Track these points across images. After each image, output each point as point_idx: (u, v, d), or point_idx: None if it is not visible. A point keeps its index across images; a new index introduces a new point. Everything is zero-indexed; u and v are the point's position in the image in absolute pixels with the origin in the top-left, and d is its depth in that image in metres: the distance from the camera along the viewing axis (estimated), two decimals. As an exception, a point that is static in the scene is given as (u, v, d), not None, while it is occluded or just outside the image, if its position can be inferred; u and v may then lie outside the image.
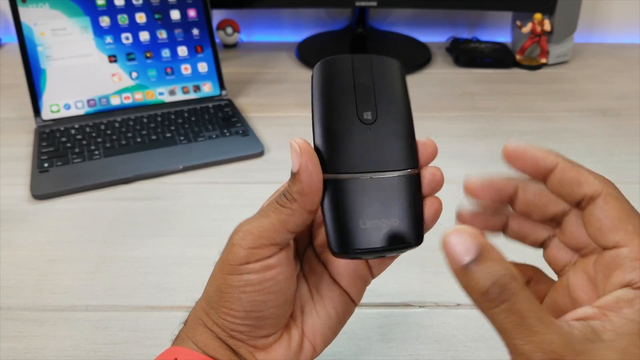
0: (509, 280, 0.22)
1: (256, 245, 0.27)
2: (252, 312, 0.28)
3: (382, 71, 0.29)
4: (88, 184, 0.62)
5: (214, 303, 0.29)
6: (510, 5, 0.96)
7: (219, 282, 0.28)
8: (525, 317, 0.21)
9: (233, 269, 0.27)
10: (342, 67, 0.28)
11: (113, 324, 0.46)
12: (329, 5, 1.05)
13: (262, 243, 0.27)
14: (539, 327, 0.21)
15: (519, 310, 0.21)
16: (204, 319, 0.29)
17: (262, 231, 0.27)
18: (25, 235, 0.55)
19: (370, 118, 0.28)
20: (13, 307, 0.47)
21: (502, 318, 0.22)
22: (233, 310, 0.28)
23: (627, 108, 0.82)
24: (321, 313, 0.31)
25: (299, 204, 0.26)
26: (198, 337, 0.29)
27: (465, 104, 0.83)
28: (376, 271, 0.32)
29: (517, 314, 0.22)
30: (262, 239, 0.27)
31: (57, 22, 0.73)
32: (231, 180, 0.64)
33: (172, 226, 0.57)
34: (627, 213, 0.24)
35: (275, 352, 0.29)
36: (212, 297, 0.29)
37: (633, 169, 0.66)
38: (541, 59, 0.95)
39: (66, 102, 0.74)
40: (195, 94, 0.79)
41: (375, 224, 0.27)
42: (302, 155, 0.26)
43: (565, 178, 0.26)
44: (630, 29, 1.08)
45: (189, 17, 0.79)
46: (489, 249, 0.23)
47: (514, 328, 0.22)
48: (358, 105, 0.28)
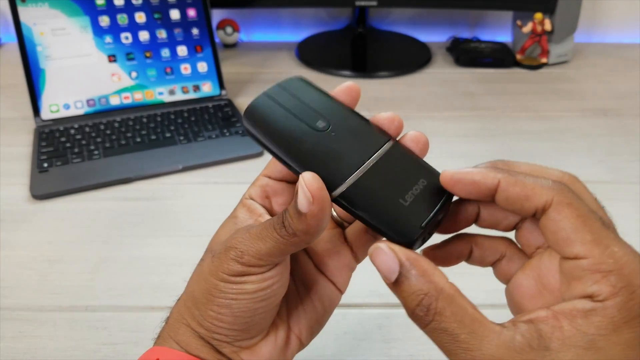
0: (433, 300, 0.22)
1: (253, 264, 0.26)
2: (240, 318, 0.27)
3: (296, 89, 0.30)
4: (88, 184, 0.62)
5: (201, 305, 0.28)
6: (510, 5, 0.95)
7: (209, 286, 0.27)
8: (455, 335, 0.21)
9: (227, 279, 0.27)
10: (266, 105, 0.29)
11: (113, 324, 0.46)
12: (329, 5, 1.05)
13: (260, 264, 0.26)
14: (471, 342, 0.21)
15: (446, 328, 0.21)
16: (187, 318, 0.29)
17: (260, 255, 0.26)
18: (25, 236, 0.55)
19: (325, 124, 0.28)
20: (13, 307, 0.47)
21: (434, 336, 0.22)
22: (221, 315, 0.27)
23: (627, 108, 0.82)
24: (307, 306, 0.31)
25: (300, 239, 0.25)
26: (180, 336, 0.29)
27: (465, 104, 0.83)
28: (361, 256, 0.32)
29: (445, 332, 0.21)
30: (260, 260, 0.26)
31: (57, 22, 0.73)
32: (231, 180, 0.64)
33: (172, 226, 0.57)
34: (583, 220, 0.22)
35: (261, 350, 0.29)
36: (200, 299, 0.28)
37: (633, 169, 0.66)
38: (541, 59, 0.95)
39: (66, 102, 0.74)
40: (194, 93, 0.79)
41: (410, 196, 0.26)
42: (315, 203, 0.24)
43: (510, 195, 0.24)
44: (630, 29, 1.08)
45: (189, 16, 0.79)
46: (410, 265, 0.23)
47: (446, 346, 0.21)
48: (307, 122, 0.28)
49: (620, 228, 0.58)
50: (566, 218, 0.22)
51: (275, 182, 0.31)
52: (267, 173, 0.31)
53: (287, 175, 0.30)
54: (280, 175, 0.30)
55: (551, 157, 0.69)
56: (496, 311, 0.24)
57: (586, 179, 0.25)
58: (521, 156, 0.69)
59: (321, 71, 0.93)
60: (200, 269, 0.29)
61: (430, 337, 0.22)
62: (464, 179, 0.25)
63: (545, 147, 0.71)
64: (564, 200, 0.22)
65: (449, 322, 0.21)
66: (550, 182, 0.23)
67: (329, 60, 0.95)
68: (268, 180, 0.31)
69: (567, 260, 0.22)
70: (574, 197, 0.23)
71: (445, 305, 0.22)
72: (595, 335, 0.20)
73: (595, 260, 0.21)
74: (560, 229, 0.22)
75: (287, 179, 0.30)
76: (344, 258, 0.31)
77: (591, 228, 0.22)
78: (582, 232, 0.22)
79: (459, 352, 0.21)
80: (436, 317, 0.22)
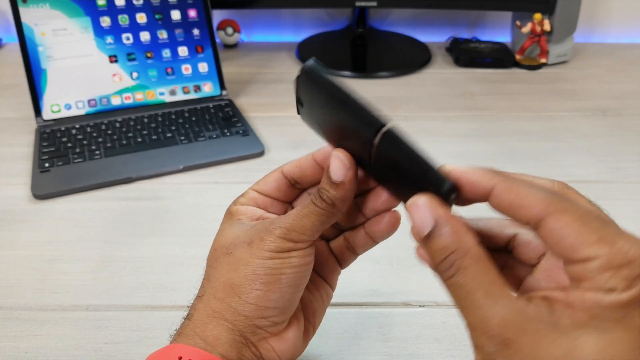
0: (460, 256, 0.23)
1: (298, 239, 0.29)
2: (286, 294, 0.30)
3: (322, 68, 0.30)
4: (89, 183, 0.62)
5: (242, 289, 0.29)
6: (510, 5, 0.96)
7: (253, 267, 0.29)
8: (470, 292, 0.22)
9: (274, 255, 0.29)
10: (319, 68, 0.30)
11: (114, 323, 0.46)
12: (329, 5, 1.05)
13: (303, 239, 0.30)
14: (484, 301, 0.22)
15: (465, 284, 0.23)
16: (220, 309, 0.30)
17: (305, 230, 0.29)
18: (26, 235, 0.56)
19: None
20: (14, 307, 0.47)
21: (452, 291, 0.23)
22: (269, 292, 0.29)
23: (627, 108, 0.82)
24: (316, 296, 0.34)
25: (338, 208, 0.29)
26: (209, 331, 0.29)
27: (465, 104, 0.83)
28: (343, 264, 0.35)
29: (463, 289, 0.23)
30: (304, 235, 0.29)
31: (58, 22, 0.73)
32: (232, 180, 0.64)
33: (173, 226, 0.57)
34: (582, 222, 0.22)
35: (287, 335, 0.31)
36: (241, 283, 0.29)
37: (633, 169, 0.66)
38: (541, 59, 0.95)
39: (67, 102, 0.74)
40: (195, 94, 0.79)
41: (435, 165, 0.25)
42: (350, 169, 0.29)
43: (503, 202, 0.24)
44: (630, 29, 1.08)
45: (190, 17, 0.79)
46: (445, 222, 0.24)
47: (461, 301, 0.23)
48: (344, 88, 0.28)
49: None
50: (566, 225, 0.22)
51: (264, 197, 0.34)
52: (257, 188, 0.34)
53: (275, 192, 0.34)
54: (269, 191, 0.34)
55: (551, 157, 0.69)
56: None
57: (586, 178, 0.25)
58: (521, 156, 0.69)
59: (321, 71, 0.93)
60: (234, 258, 0.30)
61: (449, 291, 0.24)
62: (462, 177, 0.25)
63: (545, 147, 0.71)
64: (559, 209, 0.22)
65: (469, 279, 0.23)
66: (542, 192, 0.23)
67: (329, 60, 0.95)
68: (258, 194, 0.34)
69: (576, 264, 0.22)
70: (567, 203, 0.23)
71: (470, 264, 0.23)
72: (607, 322, 0.21)
73: (605, 259, 0.21)
74: (563, 237, 0.22)
75: (274, 196, 0.34)
76: (331, 264, 0.35)
77: (593, 228, 0.22)
78: (585, 235, 0.22)
79: (472, 309, 0.22)
80: (459, 273, 0.23)
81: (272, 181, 0.34)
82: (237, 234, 0.31)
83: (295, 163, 0.33)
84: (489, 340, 0.22)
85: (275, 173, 0.34)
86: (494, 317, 0.22)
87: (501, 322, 0.21)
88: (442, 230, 0.24)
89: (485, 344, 0.22)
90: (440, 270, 0.24)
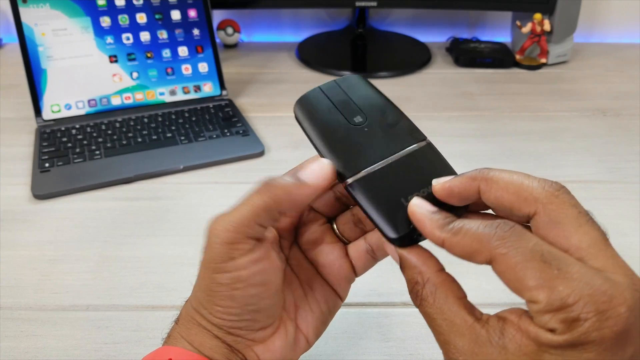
0: (420, 288, 0.25)
1: (232, 240, 0.27)
2: (247, 307, 0.28)
3: (349, 86, 0.32)
4: (89, 183, 0.62)
5: (206, 302, 0.29)
6: (510, 5, 0.96)
7: (207, 282, 0.28)
8: (434, 319, 0.25)
9: (218, 268, 0.27)
10: (316, 97, 0.32)
11: (114, 323, 0.46)
12: (329, 6, 1.05)
13: (238, 238, 0.27)
14: (445, 328, 0.24)
15: (429, 313, 0.25)
16: (197, 318, 0.29)
17: (237, 226, 0.27)
18: (26, 235, 0.56)
19: (362, 119, 0.31)
20: (14, 307, 0.47)
21: (424, 317, 0.25)
22: (228, 308, 0.28)
23: (627, 108, 0.82)
24: (313, 307, 0.33)
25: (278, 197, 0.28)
26: (193, 336, 0.29)
27: (465, 104, 0.83)
28: (360, 271, 0.33)
29: (427, 316, 0.25)
30: (238, 233, 0.27)
31: (58, 23, 0.73)
32: (232, 180, 0.65)
33: (173, 226, 0.57)
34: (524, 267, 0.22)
35: (273, 344, 0.30)
36: (203, 297, 0.29)
37: (633, 169, 0.66)
38: (541, 59, 0.95)
39: (67, 102, 0.74)
40: (195, 94, 0.79)
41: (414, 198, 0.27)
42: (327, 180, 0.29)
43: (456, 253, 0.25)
44: (630, 29, 1.08)
45: (190, 17, 0.79)
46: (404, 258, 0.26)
47: (430, 327, 0.25)
48: (345, 116, 0.31)
49: (620, 228, 0.58)
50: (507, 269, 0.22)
51: None
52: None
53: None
54: None
55: (551, 157, 0.69)
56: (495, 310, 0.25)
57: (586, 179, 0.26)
58: (521, 156, 0.69)
59: (321, 71, 0.93)
60: (199, 269, 0.29)
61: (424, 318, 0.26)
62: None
63: (545, 147, 0.71)
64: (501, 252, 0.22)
65: (429, 308, 0.25)
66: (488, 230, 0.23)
67: (329, 60, 0.95)
68: None
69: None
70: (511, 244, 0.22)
71: (429, 294, 0.25)
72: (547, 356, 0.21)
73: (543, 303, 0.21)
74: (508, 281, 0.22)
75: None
76: (344, 271, 0.33)
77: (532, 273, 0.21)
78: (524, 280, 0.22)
79: (436, 334, 0.25)
80: (422, 302, 0.25)
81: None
82: None
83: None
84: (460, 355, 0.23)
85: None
86: (450, 343, 0.24)
87: (457, 348, 0.23)
88: (404, 265, 0.26)
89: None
90: (411, 299, 0.26)
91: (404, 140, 0.29)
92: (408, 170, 0.28)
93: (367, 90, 0.32)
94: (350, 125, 0.30)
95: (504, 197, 0.24)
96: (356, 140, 0.30)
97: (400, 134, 0.30)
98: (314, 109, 0.32)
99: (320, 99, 0.32)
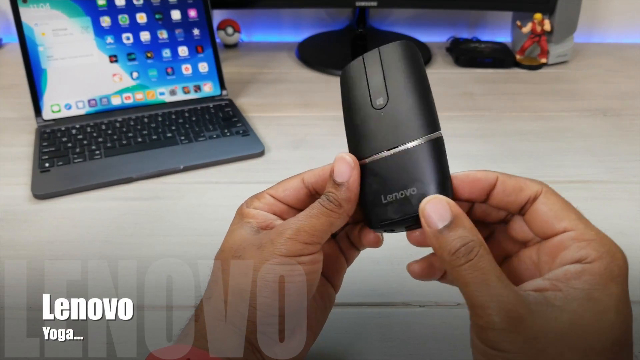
0: (476, 245, 0.26)
1: (308, 241, 0.29)
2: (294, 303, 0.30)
3: (389, 59, 0.32)
4: (89, 183, 0.62)
5: (251, 295, 0.29)
6: (510, 5, 0.96)
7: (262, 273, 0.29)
8: (486, 274, 0.25)
9: (285, 260, 0.29)
10: (356, 68, 0.32)
11: (114, 323, 0.46)
12: (329, 5, 1.05)
13: (313, 241, 0.30)
14: (497, 284, 0.25)
15: (482, 267, 0.26)
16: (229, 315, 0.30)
17: (314, 231, 0.30)
18: (26, 235, 0.56)
19: (382, 102, 0.31)
20: (14, 307, 0.47)
21: (467, 274, 0.26)
22: (277, 300, 0.29)
23: (627, 108, 0.82)
24: (319, 302, 0.34)
25: (344, 209, 0.30)
26: (217, 335, 0.29)
27: (465, 104, 0.83)
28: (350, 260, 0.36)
29: (479, 271, 0.26)
30: (314, 237, 0.30)
31: (58, 22, 0.73)
32: (232, 180, 0.65)
33: (173, 226, 0.57)
34: (567, 205, 0.28)
35: (292, 344, 0.31)
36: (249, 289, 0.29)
37: (633, 169, 0.66)
38: (541, 59, 0.95)
39: (67, 102, 0.74)
40: (195, 94, 0.79)
41: (394, 197, 0.29)
42: (355, 169, 0.30)
43: (507, 188, 0.29)
44: (630, 29, 1.08)
45: (190, 17, 0.79)
46: (461, 218, 0.27)
47: (475, 282, 0.25)
48: (372, 95, 0.31)
49: (620, 228, 0.58)
50: (555, 202, 0.28)
51: (280, 204, 0.33)
52: (274, 194, 0.33)
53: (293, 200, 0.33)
54: (287, 199, 0.33)
55: (551, 157, 0.69)
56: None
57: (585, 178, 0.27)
58: (521, 156, 0.69)
59: (321, 71, 0.93)
60: (243, 262, 0.30)
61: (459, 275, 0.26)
62: (468, 178, 0.30)
63: (545, 147, 0.71)
64: (550, 190, 0.28)
65: (486, 264, 0.26)
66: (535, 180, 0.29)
67: (329, 60, 0.95)
68: (274, 200, 0.33)
69: (551, 239, 0.28)
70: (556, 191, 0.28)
71: (484, 253, 0.26)
72: (590, 289, 0.25)
73: (581, 231, 0.27)
74: (550, 210, 0.28)
75: (291, 204, 0.33)
76: (338, 262, 0.35)
77: (575, 210, 0.28)
78: (568, 212, 0.28)
79: (486, 288, 0.25)
80: (477, 258, 0.26)
81: (291, 189, 0.33)
82: (246, 236, 0.31)
83: (317, 172, 0.33)
84: (502, 316, 0.24)
85: (295, 181, 0.33)
86: (508, 295, 0.25)
87: (515, 300, 0.25)
88: (463, 223, 0.27)
89: (496, 321, 0.24)
90: (458, 256, 0.26)
91: (412, 131, 0.30)
92: (396, 167, 0.29)
93: (403, 66, 0.31)
94: (371, 107, 0.31)
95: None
96: (370, 126, 0.31)
97: (412, 124, 0.30)
98: (348, 84, 0.32)
99: (357, 71, 0.32)
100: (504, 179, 0.29)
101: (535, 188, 0.28)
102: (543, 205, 0.28)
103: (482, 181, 0.29)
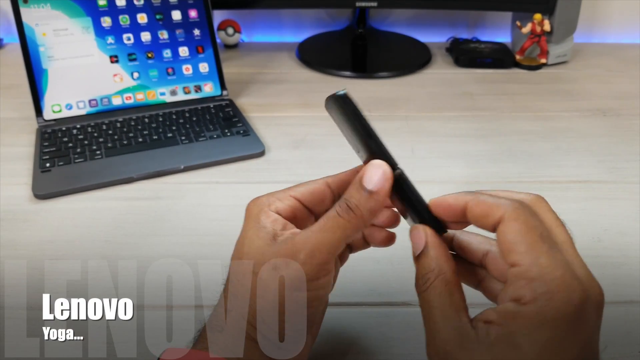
0: (433, 277, 0.27)
1: (323, 261, 0.29)
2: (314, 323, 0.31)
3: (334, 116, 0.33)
4: (90, 183, 0.62)
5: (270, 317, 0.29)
6: (510, 5, 0.96)
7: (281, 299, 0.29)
8: (432, 307, 0.27)
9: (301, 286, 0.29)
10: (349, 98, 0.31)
11: (114, 323, 0.46)
12: (329, 6, 1.05)
13: (328, 259, 0.29)
14: (438, 318, 0.26)
15: (430, 300, 0.27)
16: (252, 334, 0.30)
17: (329, 248, 0.29)
18: (27, 235, 0.56)
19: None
20: (15, 307, 0.47)
21: (420, 302, 0.28)
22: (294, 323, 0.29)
23: (627, 108, 0.82)
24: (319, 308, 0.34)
25: (364, 220, 0.29)
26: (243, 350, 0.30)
27: (465, 104, 0.83)
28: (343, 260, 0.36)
29: (427, 303, 0.27)
30: (329, 255, 0.29)
31: (59, 23, 0.73)
32: (232, 180, 0.65)
33: (174, 226, 0.57)
34: (522, 234, 0.25)
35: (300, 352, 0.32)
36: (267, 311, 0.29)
37: (633, 169, 0.66)
38: (541, 59, 0.95)
39: (68, 102, 0.74)
40: (196, 94, 0.79)
41: None
42: (387, 180, 0.29)
43: (474, 214, 0.27)
44: (630, 29, 1.08)
45: (190, 17, 0.79)
46: (432, 247, 0.28)
47: (424, 311, 0.27)
48: None
49: (620, 228, 0.58)
50: (514, 230, 0.25)
51: (303, 208, 0.32)
52: (298, 197, 0.32)
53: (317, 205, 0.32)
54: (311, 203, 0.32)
55: (551, 157, 0.69)
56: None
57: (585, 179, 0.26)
58: (521, 156, 0.69)
59: (321, 71, 0.93)
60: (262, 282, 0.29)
61: (419, 301, 0.28)
62: (442, 203, 0.29)
63: (545, 148, 0.71)
64: (512, 216, 0.26)
65: (433, 297, 0.27)
66: (508, 201, 0.26)
67: (329, 60, 0.96)
68: (298, 203, 0.32)
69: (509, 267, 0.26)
70: (523, 214, 0.26)
71: (438, 285, 0.27)
72: (517, 334, 0.24)
73: (525, 268, 0.24)
74: (505, 240, 0.26)
75: (315, 209, 0.33)
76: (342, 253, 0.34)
77: (528, 240, 0.25)
78: (518, 244, 0.25)
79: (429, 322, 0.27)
80: (428, 290, 0.27)
81: (317, 193, 0.32)
82: (263, 249, 0.30)
83: (341, 177, 0.32)
84: (436, 349, 0.26)
85: (320, 185, 0.32)
86: (441, 332, 0.26)
87: (448, 336, 0.25)
88: (429, 252, 0.28)
89: (432, 354, 0.26)
90: (417, 284, 0.28)
91: None
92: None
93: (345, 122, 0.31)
94: None
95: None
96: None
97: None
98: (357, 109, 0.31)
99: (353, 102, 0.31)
100: (473, 204, 0.27)
101: (498, 215, 0.26)
102: (500, 235, 0.26)
103: (453, 207, 0.28)
